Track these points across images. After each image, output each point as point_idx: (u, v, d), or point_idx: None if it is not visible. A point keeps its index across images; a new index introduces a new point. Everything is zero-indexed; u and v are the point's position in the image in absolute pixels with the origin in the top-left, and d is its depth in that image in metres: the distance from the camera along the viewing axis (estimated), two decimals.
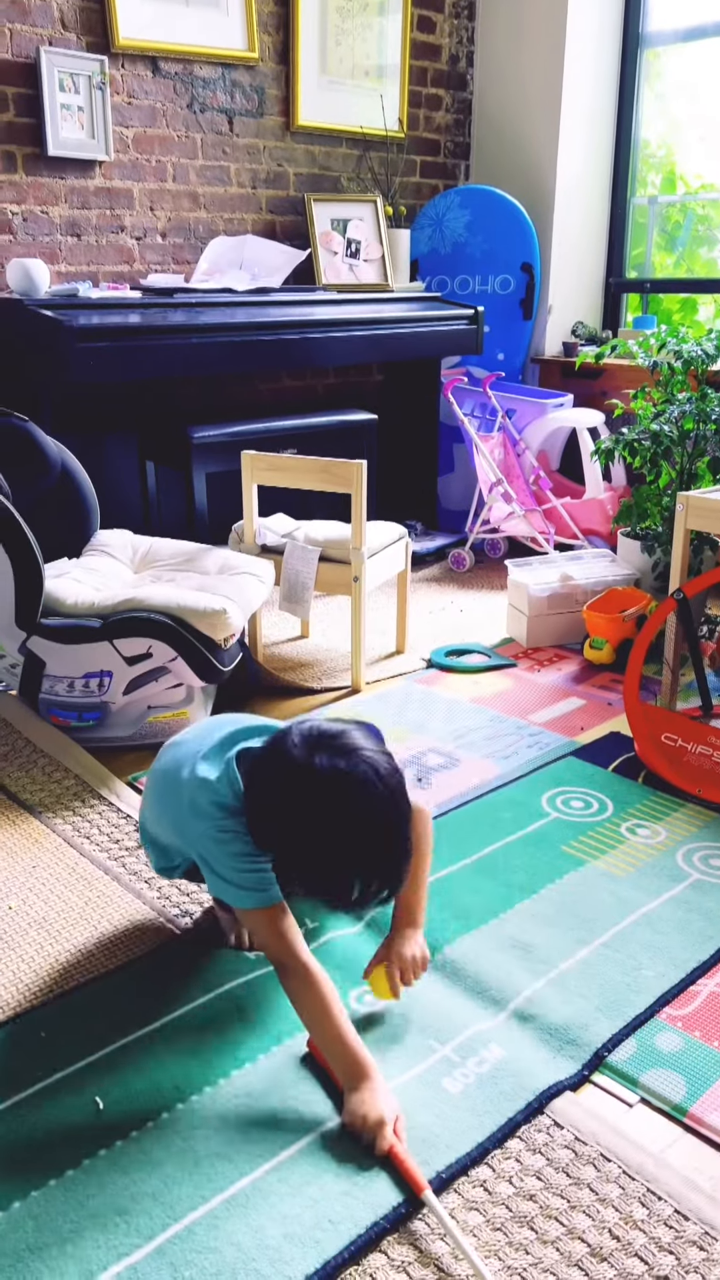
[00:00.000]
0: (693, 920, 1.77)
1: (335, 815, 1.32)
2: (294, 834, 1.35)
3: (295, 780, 1.34)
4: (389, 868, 1.35)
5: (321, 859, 1.34)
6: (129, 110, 3.33)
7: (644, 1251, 1.18)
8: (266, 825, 1.39)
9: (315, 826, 1.33)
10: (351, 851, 1.33)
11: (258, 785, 1.41)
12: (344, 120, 3.88)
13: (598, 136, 4.21)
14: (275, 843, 1.38)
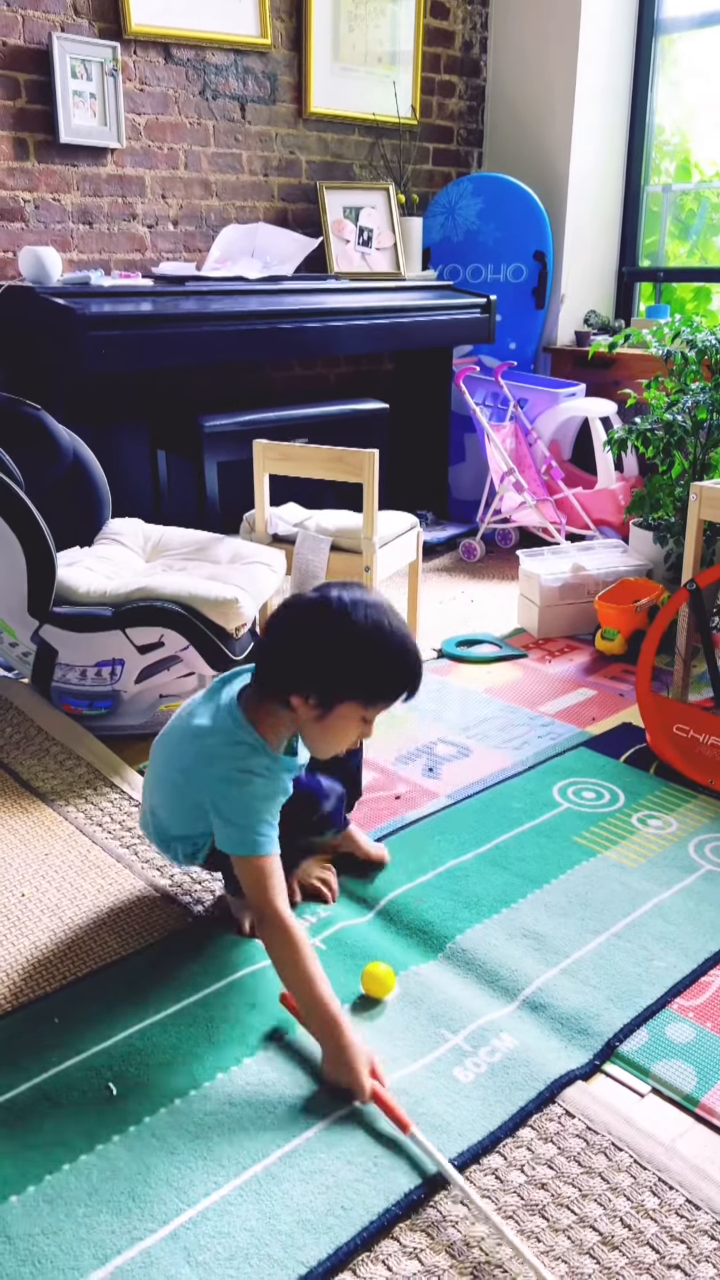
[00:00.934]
0: (704, 911, 1.77)
1: (357, 621, 1.45)
2: (321, 639, 1.45)
3: (318, 608, 1.47)
4: (418, 674, 1.50)
5: (347, 660, 1.45)
6: (141, 97, 3.32)
7: (655, 1240, 1.18)
8: (292, 650, 1.48)
9: (339, 631, 1.45)
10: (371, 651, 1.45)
11: (280, 633, 1.50)
12: (356, 107, 3.86)
13: (612, 124, 4.18)
14: (300, 661, 1.46)
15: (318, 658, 1.46)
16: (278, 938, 1.43)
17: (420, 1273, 1.14)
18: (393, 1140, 1.29)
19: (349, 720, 1.50)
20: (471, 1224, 1.20)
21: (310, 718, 1.49)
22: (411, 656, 1.49)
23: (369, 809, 2.08)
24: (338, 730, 1.51)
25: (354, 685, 1.47)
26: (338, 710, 1.48)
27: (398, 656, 1.48)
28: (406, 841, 1.96)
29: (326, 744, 1.54)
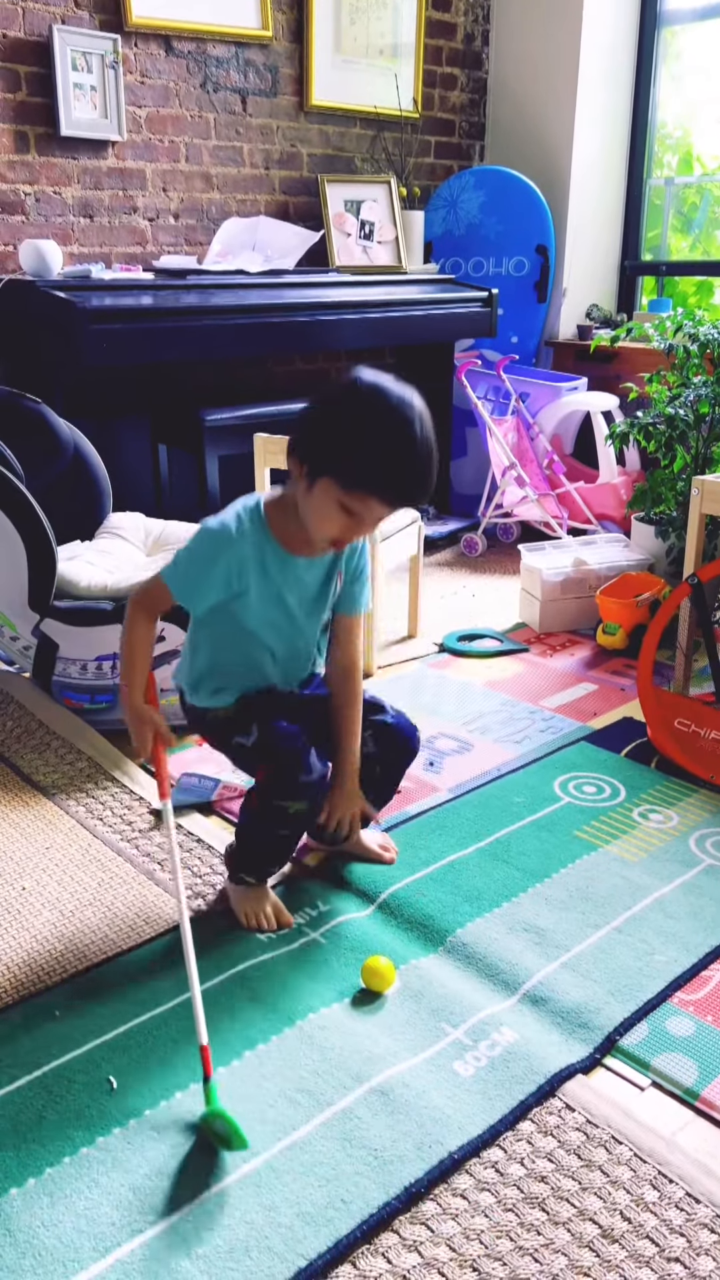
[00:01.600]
0: (705, 906, 1.77)
1: (362, 395, 1.43)
2: (322, 402, 1.47)
3: (344, 378, 1.46)
4: (411, 483, 1.44)
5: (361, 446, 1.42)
6: (142, 90, 3.31)
7: (655, 1234, 1.18)
8: (302, 412, 1.48)
9: (339, 399, 1.45)
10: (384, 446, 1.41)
11: (307, 413, 1.49)
12: (358, 100, 3.84)
13: (614, 117, 4.16)
14: (317, 432, 1.46)
15: (312, 420, 1.46)
16: (127, 629, 1.58)
17: (420, 1265, 1.14)
18: (394, 1133, 1.29)
19: (328, 501, 1.45)
20: (471, 1217, 1.20)
21: (302, 489, 1.48)
22: (408, 453, 1.42)
23: None
24: (319, 510, 1.47)
25: (334, 459, 1.43)
26: (319, 485, 1.45)
27: (390, 444, 1.41)
28: (407, 835, 1.96)
29: (311, 522, 1.50)
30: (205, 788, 2.09)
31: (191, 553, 1.56)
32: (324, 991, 1.55)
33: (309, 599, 1.64)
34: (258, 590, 1.58)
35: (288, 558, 1.58)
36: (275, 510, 1.57)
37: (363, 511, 1.46)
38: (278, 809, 1.63)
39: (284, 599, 1.61)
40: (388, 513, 1.48)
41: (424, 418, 1.44)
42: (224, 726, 1.70)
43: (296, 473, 1.48)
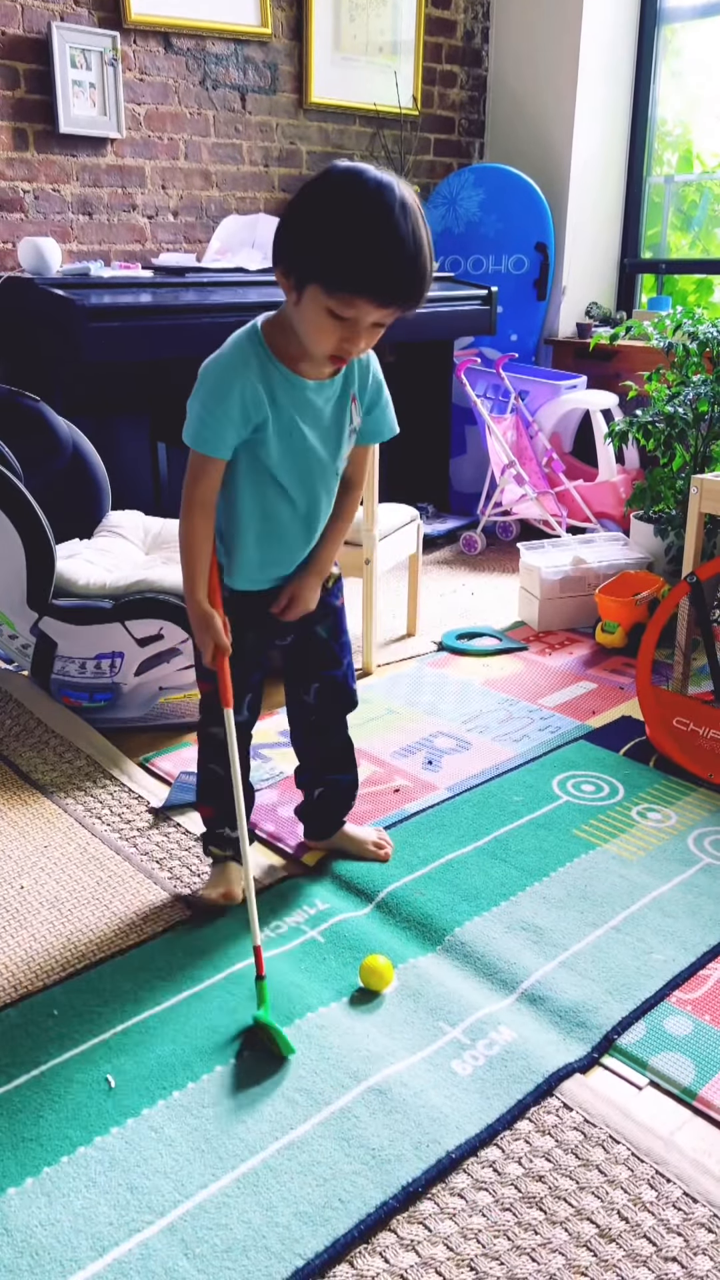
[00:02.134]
0: (703, 905, 1.77)
1: (340, 188, 1.32)
2: (300, 203, 1.35)
3: (322, 173, 1.36)
4: (397, 276, 1.33)
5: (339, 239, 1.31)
6: (141, 87, 3.31)
7: (652, 1233, 1.18)
8: (282, 217, 1.39)
9: (318, 197, 1.34)
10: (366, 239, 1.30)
11: (285, 216, 1.39)
12: (357, 97, 3.84)
13: (614, 114, 4.16)
14: (294, 234, 1.36)
15: (290, 223, 1.36)
16: (186, 516, 1.53)
17: (417, 1265, 1.14)
18: (392, 1133, 1.29)
19: (318, 309, 1.36)
20: (469, 1216, 1.20)
21: (292, 302, 1.40)
22: (391, 242, 1.30)
23: (370, 803, 2.08)
24: (311, 321, 1.38)
25: (316, 262, 1.33)
26: (307, 294, 1.36)
27: (370, 234, 1.30)
28: (405, 834, 1.96)
29: (307, 337, 1.41)
30: None
31: (201, 398, 1.47)
32: (322, 991, 1.55)
33: (325, 428, 1.54)
34: (274, 421, 1.49)
35: (295, 379, 1.48)
36: (273, 331, 1.48)
37: (355, 316, 1.36)
38: (209, 735, 1.74)
39: (300, 428, 1.51)
40: (382, 315, 1.38)
41: (407, 202, 1.32)
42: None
43: (285, 286, 1.39)
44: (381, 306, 1.36)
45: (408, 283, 1.34)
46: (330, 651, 1.79)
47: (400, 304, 1.37)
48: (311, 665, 1.78)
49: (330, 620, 1.76)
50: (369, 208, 1.30)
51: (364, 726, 2.42)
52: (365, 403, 1.60)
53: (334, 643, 1.79)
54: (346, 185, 1.32)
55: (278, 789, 2.13)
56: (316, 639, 1.76)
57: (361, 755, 2.28)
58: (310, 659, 1.77)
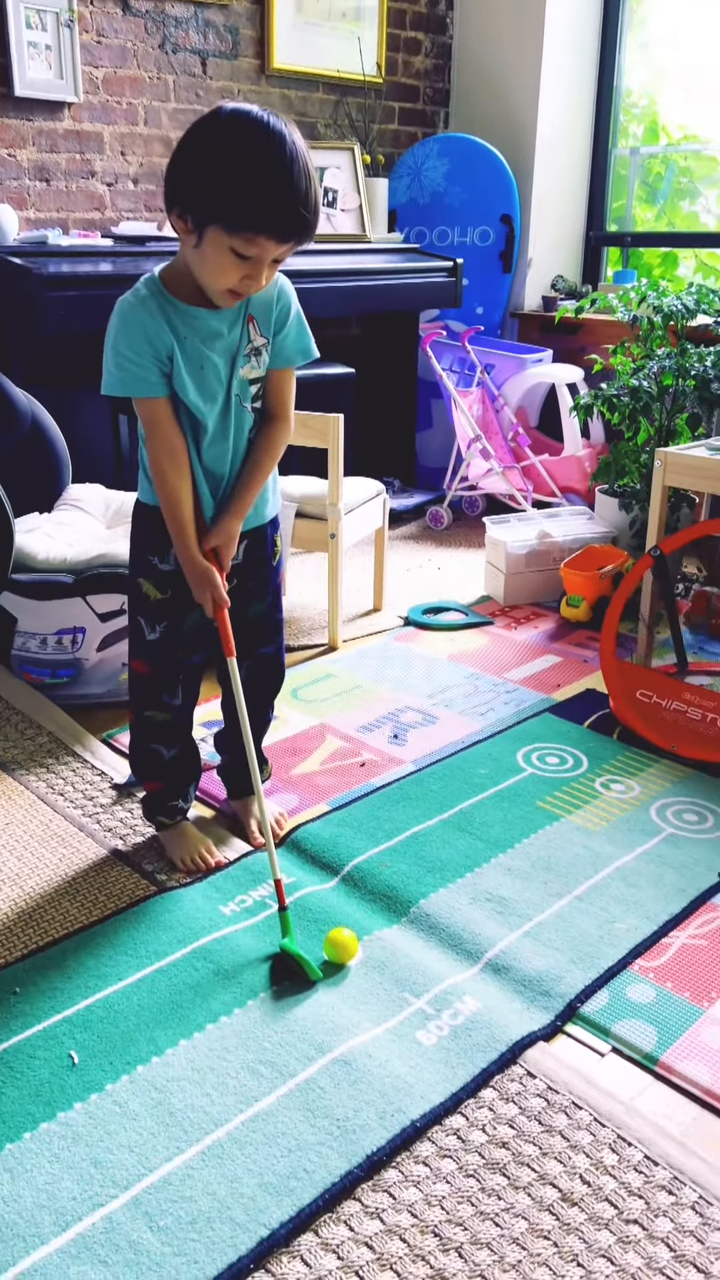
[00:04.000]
0: (665, 874, 1.78)
1: (230, 128, 1.37)
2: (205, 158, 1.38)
3: (209, 114, 1.40)
4: (298, 213, 1.38)
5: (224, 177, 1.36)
6: (99, 50, 3.23)
7: (614, 1196, 1.20)
8: (171, 160, 1.41)
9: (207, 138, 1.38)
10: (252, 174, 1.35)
11: (174, 160, 1.42)
12: (321, 64, 3.78)
13: (579, 85, 4.12)
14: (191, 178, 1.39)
15: (182, 166, 1.39)
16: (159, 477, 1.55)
17: (382, 1232, 1.15)
18: (357, 1103, 1.30)
19: (220, 250, 1.40)
20: (433, 1184, 1.21)
21: (190, 245, 1.43)
22: (285, 182, 1.36)
23: (336, 776, 2.08)
24: (213, 262, 1.41)
25: (214, 204, 1.37)
26: (207, 236, 1.39)
27: (268, 174, 1.35)
28: (371, 808, 1.96)
29: (206, 277, 1.45)
30: None
31: (112, 346, 1.51)
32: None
33: (231, 350, 1.55)
34: (181, 351, 1.51)
35: (194, 310, 1.51)
36: (171, 275, 1.52)
37: (257, 253, 1.40)
38: (146, 719, 1.76)
39: (207, 355, 1.53)
40: (283, 251, 1.42)
41: (296, 140, 1.38)
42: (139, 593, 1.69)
43: (181, 229, 1.42)
44: (283, 243, 1.41)
45: (307, 218, 1.40)
46: (266, 628, 1.79)
47: (300, 239, 1.42)
48: (245, 643, 1.76)
49: (267, 596, 1.76)
50: (265, 149, 1.35)
51: (330, 701, 2.41)
52: (275, 326, 1.59)
53: (270, 619, 1.79)
54: (238, 127, 1.36)
55: None
56: (251, 614, 1.76)
57: (328, 730, 2.28)
58: (244, 636, 1.74)
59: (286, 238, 1.40)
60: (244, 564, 1.71)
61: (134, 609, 1.72)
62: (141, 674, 1.74)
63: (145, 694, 1.75)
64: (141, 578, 1.68)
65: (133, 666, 1.75)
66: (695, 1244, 1.14)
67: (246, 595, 1.73)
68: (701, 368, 2.90)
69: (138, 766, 1.83)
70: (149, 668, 1.72)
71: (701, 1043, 1.42)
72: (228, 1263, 1.11)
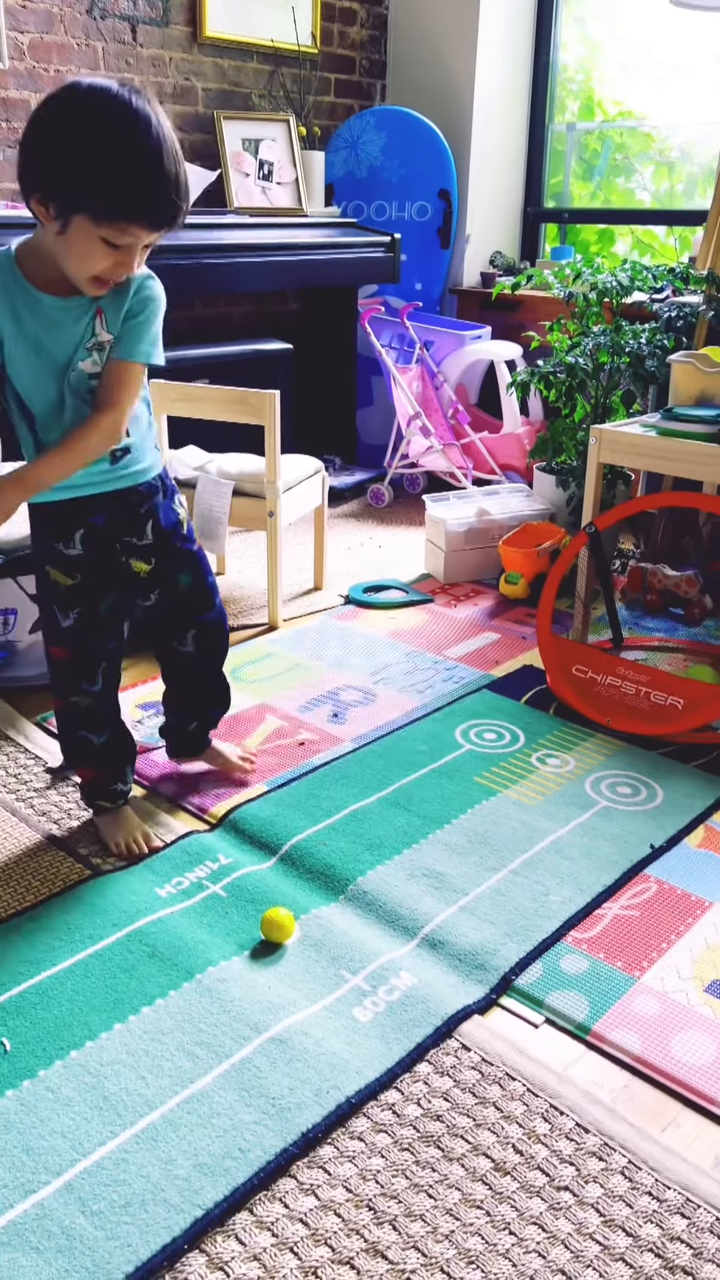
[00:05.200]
0: (599, 846, 1.81)
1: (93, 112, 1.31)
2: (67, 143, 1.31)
3: (63, 95, 1.33)
4: (170, 200, 1.35)
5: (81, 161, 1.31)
6: (24, 14, 3.14)
7: (545, 1164, 1.21)
8: (27, 142, 1.34)
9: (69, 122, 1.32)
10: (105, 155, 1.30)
11: (30, 124, 1.35)
12: (255, 33, 3.71)
13: (516, 59, 4.11)
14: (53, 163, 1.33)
15: (41, 149, 1.32)
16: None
17: (317, 1208, 1.16)
18: (293, 1081, 1.30)
19: (88, 239, 1.35)
20: (368, 1159, 1.21)
21: (53, 231, 1.37)
22: (153, 170, 1.32)
23: (275, 756, 2.07)
24: (80, 250, 1.37)
25: (84, 193, 1.32)
26: (74, 224, 1.34)
27: (136, 164, 1.31)
28: (311, 787, 1.96)
29: (72, 264, 1.40)
30: None
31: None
32: (223, 945, 1.54)
33: (73, 343, 1.49)
34: (13, 336, 1.47)
35: (42, 298, 1.46)
36: (27, 253, 1.46)
37: (129, 242, 1.37)
38: (71, 705, 1.73)
39: (43, 344, 1.48)
40: (155, 237, 1.40)
41: (161, 120, 1.33)
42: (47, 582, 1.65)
43: (42, 215, 1.36)
44: (155, 230, 1.38)
45: (178, 204, 1.37)
46: (202, 595, 1.79)
47: (172, 225, 1.39)
48: (185, 614, 1.78)
49: (192, 564, 1.76)
50: (131, 133, 1.30)
51: (270, 681, 2.40)
52: (123, 315, 1.52)
53: (203, 584, 1.78)
54: (100, 109, 1.30)
55: None
56: (182, 587, 1.76)
57: (267, 710, 2.27)
58: (182, 608, 1.76)
59: (159, 226, 1.37)
60: (154, 541, 1.68)
61: (45, 597, 1.67)
62: (61, 659, 1.71)
63: (67, 680, 1.72)
64: (48, 565, 1.64)
65: (51, 653, 1.72)
66: (624, 1208, 1.16)
67: (170, 569, 1.72)
68: (636, 345, 2.92)
69: (69, 754, 1.80)
70: (68, 653, 1.70)
71: (632, 1011, 1.45)
72: (161, 1244, 1.10)
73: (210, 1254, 1.11)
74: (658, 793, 1.98)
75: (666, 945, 1.58)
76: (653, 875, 1.74)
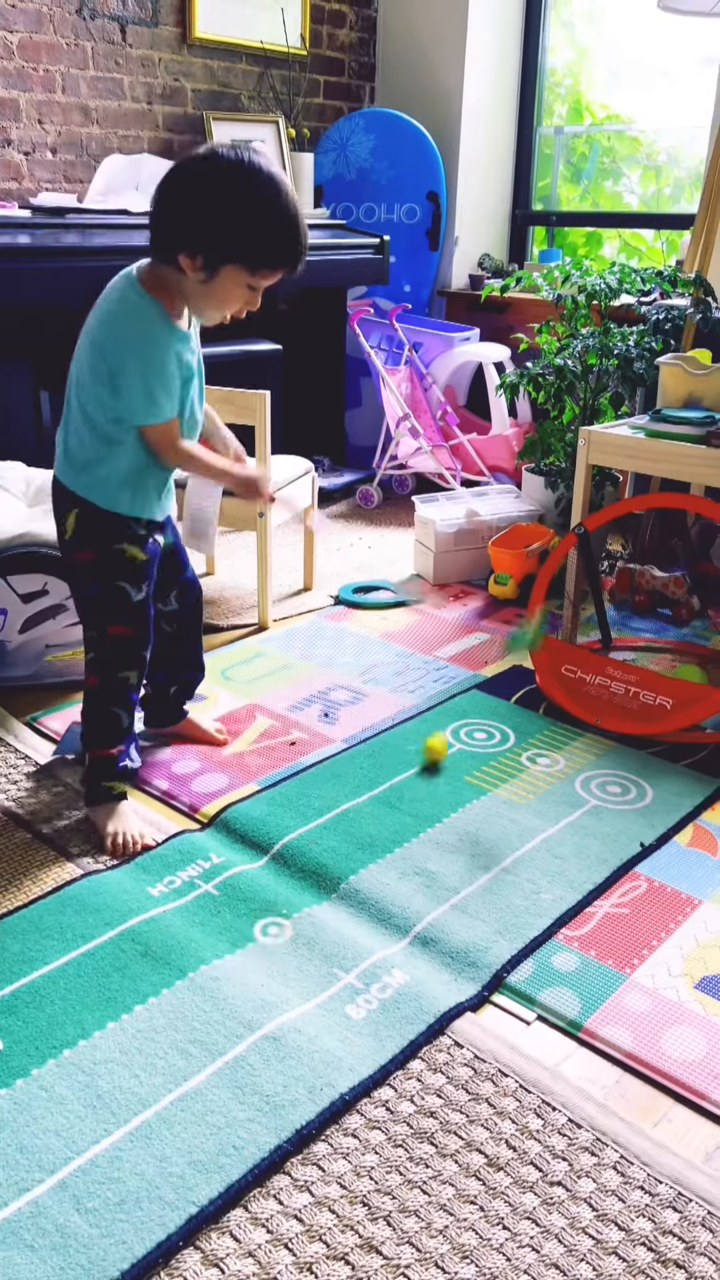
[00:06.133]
0: (590, 845, 1.82)
1: (250, 181, 1.53)
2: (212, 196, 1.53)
3: (210, 165, 1.54)
4: (304, 248, 1.60)
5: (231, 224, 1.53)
6: (13, 14, 3.13)
7: (538, 1160, 1.22)
8: (183, 208, 1.54)
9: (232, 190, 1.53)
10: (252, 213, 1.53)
11: (172, 190, 1.55)
12: (244, 34, 3.72)
13: (504, 62, 4.13)
14: (190, 218, 1.54)
15: (208, 216, 1.52)
16: (184, 462, 1.72)
17: (311, 1204, 1.16)
18: (286, 1078, 1.31)
19: (236, 285, 1.59)
20: (362, 1155, 1.22)
21: (197, 280, 1.57)
22: (298, 227, 1.57)
23: (265, 756, 2.07)
24: (223, 295, 1.60)
25: (241, 247, 1.54)
26: (223, 273, 1.56)
27: (286, 223, 1.55)
28: (302, 786, 1.96)
29: (213, 308, 1.63)
30: None
31: (142, 375, 1.60)
32: (216, 943, 1.54)
33: (199, 361, 1.75)
34: (188, 371, 1.69)
35: (182, 332, 1.66)
36: (158, 294, 1.62)
37: (268, 284, 1.62)
38: (120, 680, 1.80)
39: (193, 368, 1.71)
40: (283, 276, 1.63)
41: (283, 175, 1.57)
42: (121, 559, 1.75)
43: (190, 266, 1.55)
44: (293, 272, 1.62)
45: (306, 250, 1.62)
46: (177, 556, 1.95)
47: (301, 267, 1.63)
48: (168, 575, 1.92)
49: (170, 526, 1.92)
50: (275, 197, 1.54)
51: (260, 681, 2.40)
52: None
53: (177, 545, 1.95)
54: (244, 177, 1.52)
55: (170, 745, 2.10)
56: (167, 547, 1.89)
57: (257, 710, 2.27)
58: (166, 568, 1.89)
59: (295, 270, 1.61)
60: None
61: (110, 576, 1.76)
62: (122, 636, 1.79)
63: (127, 655, 1.81)
64: (123, 543, 1.75)
65: (109, 633, 1.78)
66: (617, 1203, 1.17)
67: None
68: (624, 347, 2.94)
69: (97, 734, 1.84)
70: (131, 629, 1.79)
71: (623, 1008, 1.45)
72: (156, 1241, 1.11)
73: (205, 1251, 1.11)
74: (647, 792, 1.99)
75: (657, 942, 1.59)
76: (643, 873, 1.75)
